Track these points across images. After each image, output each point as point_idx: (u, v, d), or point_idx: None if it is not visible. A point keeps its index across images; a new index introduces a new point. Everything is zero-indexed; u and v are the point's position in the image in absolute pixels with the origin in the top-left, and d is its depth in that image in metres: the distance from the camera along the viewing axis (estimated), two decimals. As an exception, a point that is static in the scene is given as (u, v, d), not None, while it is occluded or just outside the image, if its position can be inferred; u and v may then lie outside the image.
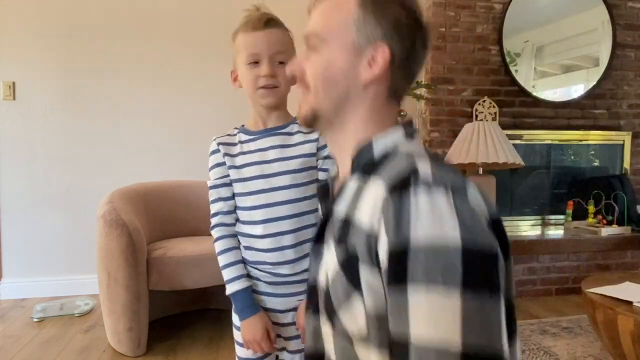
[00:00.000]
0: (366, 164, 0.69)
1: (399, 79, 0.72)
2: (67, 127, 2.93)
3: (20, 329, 2.42)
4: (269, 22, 1.09)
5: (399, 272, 0.55)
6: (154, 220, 2.46)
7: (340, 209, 0.69)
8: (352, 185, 0.69)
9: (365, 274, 0.60)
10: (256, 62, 1.08)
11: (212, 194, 1.14)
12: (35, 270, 2.93)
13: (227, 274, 1.10)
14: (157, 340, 2.25)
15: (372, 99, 0.72)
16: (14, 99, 2.87)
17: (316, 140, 1.14)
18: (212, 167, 1.14)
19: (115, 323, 2.08)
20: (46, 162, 2.92)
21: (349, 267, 0.62)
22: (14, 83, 2.86)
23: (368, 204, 0.62)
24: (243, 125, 1.17)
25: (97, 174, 2.96)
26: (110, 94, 2.97)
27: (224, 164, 1.12)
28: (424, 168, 0.60)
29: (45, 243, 2.93)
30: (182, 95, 3.04)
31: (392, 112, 0.74)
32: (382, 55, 0.69)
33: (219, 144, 1.13)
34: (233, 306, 1.13)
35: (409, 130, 0.73)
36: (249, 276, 1.12)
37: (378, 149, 0.70)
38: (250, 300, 1.10)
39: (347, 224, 0.66)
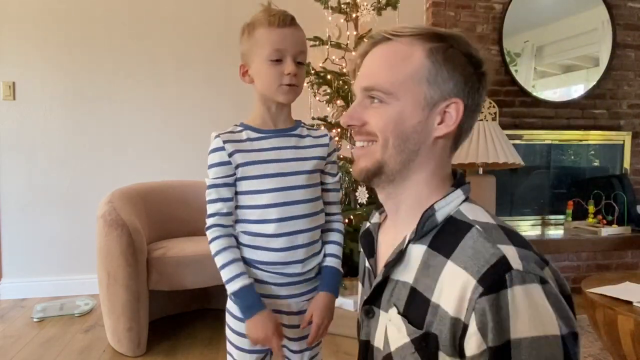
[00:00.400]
0: (430, 230, 0.68)
1: (466, 129, 0.72)
2: (67, 127, 2.93)
3: (20, 329, 2.42)
4: (293, 20, 1.08)
5: None
6: (154, 220, 2.46)
7: (404, 277, 0.68)
8: (417, 254, 0.68)
9: (444, 357, 0.62)
10: (278, 60, 1.05)
11: (211, 194, 1.10)
12: (35, 270, 2.93)
13: (227, 273, 1.07)
14: (157, 340, 2.25)
15: (440, 154, 0.71)
16: (14, 99, 2.87)
17: (327, 145, 1.17)
18: (215, 165, 1.09)
19: (115, 323, 2.08)
20: (46, 162, 2.92)
21: (425, 345, 0.63)
22: (14, 83, 2.86)
23: (452, 292, 0.61)
24: (242, 122, 1.14)
25: (97, 174, 2.96)
26: (110, 94, 2.97)
27: (229, 163, 1.07)
28: (512, 257, 0.60)
29: (45, 243, 2.93)
30: (183, 95, 3.04)
31: (450, 163, 0.74)
32: (455, 110, 0.68)
33: (224, 141, 1.08)
34: (237, 305, 1.08)
35: (466, 190, 0.72)
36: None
37: (441, 215, 0.69)
38: (256, 296, 1.07)
39: (415, 296, 0.66)
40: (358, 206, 2.31)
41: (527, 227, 3.29)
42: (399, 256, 0.69)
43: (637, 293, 1.75)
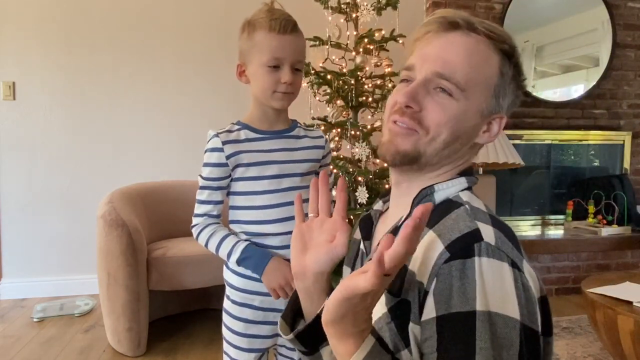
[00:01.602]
0: None
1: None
2: (67, 127, 2.93)
3: (20, 329, 2.42)
4: (295, 26, 1.08)
5: (465, 337, 0.55)
6: (154, 220, 2.46)
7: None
8: None
9: (412, 329, 0.60)
10: (276, 66, 1.05)
11: (203, 194, 1.10)
12: (35, 270, 2.93)
13: (225, 247, 1.07)
14: (157, 340, 2.25)
15: (470, 156, 0.74)
16: (14, 99, 2.87)
17: (322, 147, 1.18)
18: (211, 165, 1.08)
19: (115, 323, 2.08)
20: (46, 162, 2.92)
21: (399, 314, 0.62)
22: (14, 83, 2.86)
23: (422, 256, 0.61)
24: (240, 121, 1.14)
25: (97, 174, 2.96)
26: (110, 94, 2.97)
27: (226, 165, 1.08)
28: (487, 234, 0.59)
29: (45, 243, 2.93)
30: (182, 95, 3.04)
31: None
32: (498, 124, 0.71)
33: (223, 142, 1.07)
34: (248, 268, 1.07)
35: (470, 181, 0.72)
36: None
37: (439, 197, 0.69)
38: (260, 250, 1.07)
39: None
40: (358, 206, 2.31)
41: (527, 227, 3.29)
42: (393, 233, 0.68)
43: (637, 293, 1.75)
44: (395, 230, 0.69)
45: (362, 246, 0.78)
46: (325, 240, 0.69)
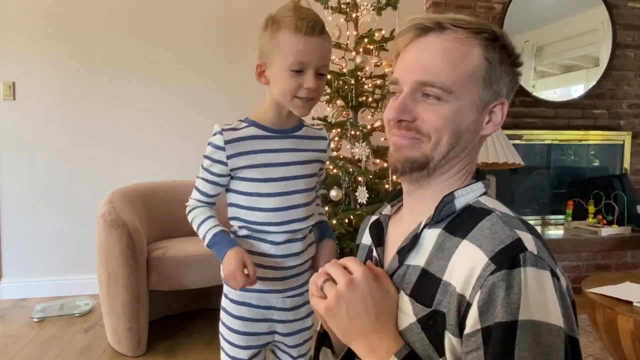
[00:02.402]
0: (447, 216, 0.68)
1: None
2: (67, 127, 2.93)
3: (20, 329, 2.42)
4: (323, 29, 1.02)
5: (506, 346, 0.55)
6: (154, 220, 2.46)
7: (415, 261, 0.67)
8: (431, 237, 0.67)
9: (450, 340, 0.60)
10: (300, 70, 0.99)
11: (199, 184, 1.10)
12: (35, 270, 2.93)
13: (203, 229, 1.08)
14: (157, 340, 2.25)
15: (477, 150, 0.73)
16: (14, 99, 2.87)
17: (325, 150, 1.17)
18: (210, 159, 1.06)
19: (115, 323, 2.08)
20: (46, 162, 2.92)
21: (432, 324, 0.62)
22: (14, 83, 2.86)
23: (463, 268, 0.60)
24: (248, 118, 1.10)
25: (97, 174, 2.96)
26: (110, 94, 2.97)
27: (225, 164, 1.06)
28: (529, 243, 0.60)
29: (45, 243, 2.93)
30: (183, 95, 3.04)
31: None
32: (501, 110, 0.70)
33: (226, 142, 1.04)
34: (215, 252, 1.07)
35: (486, 185, 0.72)
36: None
37: (460, 203, 0.68)
38: (228, 238, 1.07)
39: (426, 277, 0.65)
40: (358, 206, 2.31)
41: (527, 227, 3.29)
42: (414, 240, 0.68)
43: (637, 293, 1.75)
44: (415, 238, 0.68)
45: (375, 253, 0.77)
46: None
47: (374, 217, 0.82)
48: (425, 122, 0.67)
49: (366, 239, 0.82)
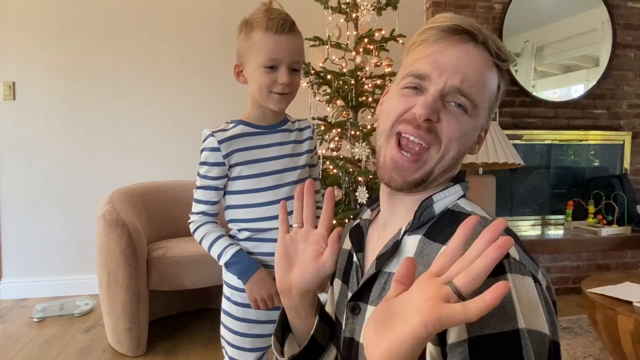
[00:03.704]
0: (426, 222, 0.67)
1: None
2: (67, 127, 2.93)
3: (20, 329, 2.42)
4: (293, 26, 1.06)
5: (512, 356, 0.52)
6: (154, 220, 2.46)
7: (397, 267, 0.63)
8: (412, 244, 0.65)
9: (429, 348, 0.58)
10: (273, 67, 1.05)
11: (199, 194, 1.10)
12: (35, 270, 2.93)
13: (217, 248, 1.08)
14: (157, 340, 2.25)
15: (460, 164, 0.73)
16: (14, 99, 2.87)
17: (311, 137, 1.20)
18: (208, 164, 1.08)
19: (115, 323, 2.08)
20: (46, 162, 2.92)
21: None
22: (14, 83, 2.86)
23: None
24: (233, 119, 1.14)
25: (97, 174, 2.96)
26: (110, 94, 2.97)
27: (223, 164, 1.08)
28: (511, 250, 0.58)
29: (45, 243, 2.93)
30: (182, 95, 3.04)
31: None
32: (485, 135, 0.72)
33: (219, 142, 1.07)
34: (233, 273, 1.08)
35: (464, 187, 0.72)
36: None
37: (439, 207, 0.67)
38: (250, 258, 1.07)
39: None
40: (358, 206, 2.31)
41: (527, 227, 3.29)
42: (394, 247, 0.66)
43: (637, 293, 1.75)
44: (396, 245, 0.66)
45: (355, 259, 0.75)
46: (311, 256, 0.69)
47: (352, 223, 0.81)
48: (445, 128, 0.65)
49: (347, 244, 0.80)
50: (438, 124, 0.65)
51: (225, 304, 1.14)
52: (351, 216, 2.27)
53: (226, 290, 1.14)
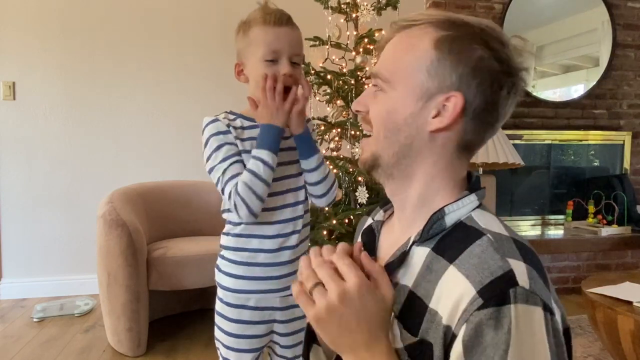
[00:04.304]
0: (437, 234, 0.64)
1: (473, 130, 0.64)
2: (67, 127, 2.93)
3: (20, 329, 2.42)
4: (290, 20, 1.07)
5: None
6: (154, 220, 2.46)
7: (404, 280, 0.64)
8: (420, 256, 0.64)
9: None
10: (274, 60, 1.04)
11: (231, 169, 1.04)
12: (35, 270, 2.93)
13: (253, 164, 1.03)
14: (157, 340, 2.25)
15: (440, 152, 0.65)
16: (14, 99, 2.87)
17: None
18: (226, 144, 1.06)
19: (115, 323, 2.08)
20: (46, 162, 2.92)
21: (419, 353, 0.60)
22: (14, 83, 2.86)
23: (449, 299, 0.57)
24: (232, 111, 1.15)
25: (97, 174, 2.96)
26: (110, 94, 2.97)
27: (235, 145, 1.07)
28: (521, 275, 0.55)
29: (45, 243, 2.93)
30: (182, 94, 3.04)
31: (463, 166, 0.68)
32: (453, 104, 0.62)
33: (227, 125, 1.08)
34: (269, 142, 1.05)
35: (481, 196, 0.67)
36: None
37: (450, 220, 0.64)
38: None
39: (414, 300, 0.62)
40: (358, 206, 2.31)
41: (527, 227, 3.29)
42: (401, 258, 0.65)
43: (637, 293, 1.75)
44: (403, 255, 0.65)
45: None
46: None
47: (368, 222, 0.80)
48: (370, 113, 0.68)
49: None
50: (370, 113, 0.68)
51: (218, 305, 1.13)
52: (360, 213, 2.27)
53: (219, 292, 1.13)
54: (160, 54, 3.00)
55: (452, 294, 0.57)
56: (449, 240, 0.62)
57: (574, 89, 3.39)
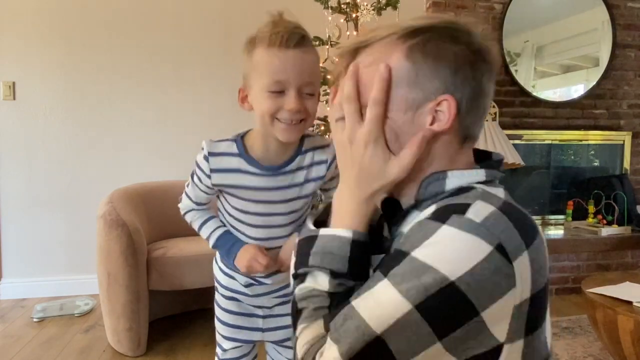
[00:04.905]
0: (433, 196, 0.64)
1: (471, 122, 0.65)
2: (67, 127, 2.93)
3: (20, 329, 2.42)
4: (302, 40, 0.88)
5: (389, 265, 0.58)
6: (154, 220, 2.46)
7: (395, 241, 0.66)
8: (412, 219, 0.64)
9: None
10: (280, 91, 0.88)
11: (190, 192, 1.07)
12: (35, 270, 2.93)
13: (207, 229, 1.08)
14: (157, 340, 2.25)
15: (443, 151, 0.65)
16: (14, 99, 2.87)
17: (322, 177, 1.03)
18: (199, 179, 1.02)
19: (115, 323, 2.08)
20: (46, 162, 2.92)
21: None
22: (14, 83, 2.86)
23: (416, 218, 0.63)
24: (242, 140, 0.99)
25: (97, 174, 2.96)
26: (110, 94, 2.97)
27: (212, 188, 1.02)
28: (477, 210, 0.56)
29: (45, 243, 2.93)
30: (183, 94, 3.04)
31: (469, 153, 0.68)
32: (447, 107, 0.62)
33: (212, 170, 0.97)
34: (221, 253, 1.11)
35: (491, 174, 0.66)
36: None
37: (451, 183, 0.64)
38: (234, 238, 1.07)
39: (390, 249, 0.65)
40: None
41: (527, 227, 3.29)
42: (400, 218, 0.67)
43: (637, 293, 1.75)
44: (402, 217, 0.67)
45: (385, 233, 0.73)
46: None
47: None
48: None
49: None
50: None
51: (216, 295, 1.20)
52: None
53: (215, 282, 1.19)
54: (160, 54, 3.00)
55: (421, 215, 0.62)
56: (442, 199, 0.64)
57: (574, 89, 3.39)
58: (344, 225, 0.65)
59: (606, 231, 2.99)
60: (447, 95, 0.61)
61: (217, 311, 1.19)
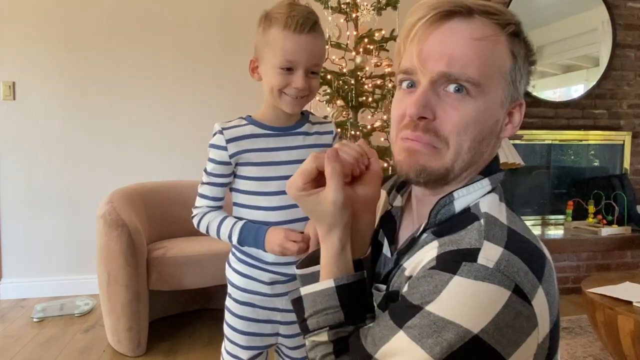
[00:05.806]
0: (446, 219, 0.62)
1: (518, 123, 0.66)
2: (67, 127, 2.93)
3: (20, 329, 2.42)
4: (314, 26, 1.00)
5: (402, 316, 0.56)
6: (154, 220, 2.46)
7: (406, 264, 0.64)
8: (427, 241, 0.62)
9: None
10: (289, 69, 0.99)
11: (205, 189, 1.08)
12: (35, 270, 2.92)
13: (225, 230, 1.06)
14: (157, 340, 2.25)
15: (493, 151, 0.64)
16: (14, 99, 2.87)
17: (330, 145, 1.11)
18: (214, 162, 1.06)
19: (115, 323, 2.08)
20: (46, 162, 2.92)
21: (388, 300, 0.64)
22: (14, 83, 2.86)
23: (417, 259, 0.61)
24: (249, 116, 1.09)
25: (97, 174, 2.96)
26: (110, 94, 2.97)
27: (229, 163, 1.05)
28: (487, 255, 0.54)
29: (45, 243, 2.93)
30: (182, 94, 3.04)
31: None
32: (519, 111, 0.63)
33: (227, 140, 1.03)
34: (249, 245, 1.06)
35: (495, 180, 0.64)
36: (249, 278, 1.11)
37: (460, 205, 0.62)
38: (257, 226, 1.05)
39: (398, 269, 0.65)
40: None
41: (527, 227, 3.29)
42: (410, 244, 0.64)
43: (637, 293, 1.75)
44: (412, 241, 0.65)
45: (385, 250, 0.72)
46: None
47: (385, 206, 0.77)
48: (445, 123, 0.58)
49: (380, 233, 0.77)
50: (437, 122, 0.59)
51: (227, 301, 1.15)
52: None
53: (228, 287, 1.15)
54: (160, 54, 3.00)
55: (421, 255, 0.60)
56: (448, 225, 0.61)
57: (574, 89, 3.39)
58: (323, 277, 0.66)
59: (606, 231, 2.99)
60: (522, 100, 0.63)
61: (231, 319, 1.13)
